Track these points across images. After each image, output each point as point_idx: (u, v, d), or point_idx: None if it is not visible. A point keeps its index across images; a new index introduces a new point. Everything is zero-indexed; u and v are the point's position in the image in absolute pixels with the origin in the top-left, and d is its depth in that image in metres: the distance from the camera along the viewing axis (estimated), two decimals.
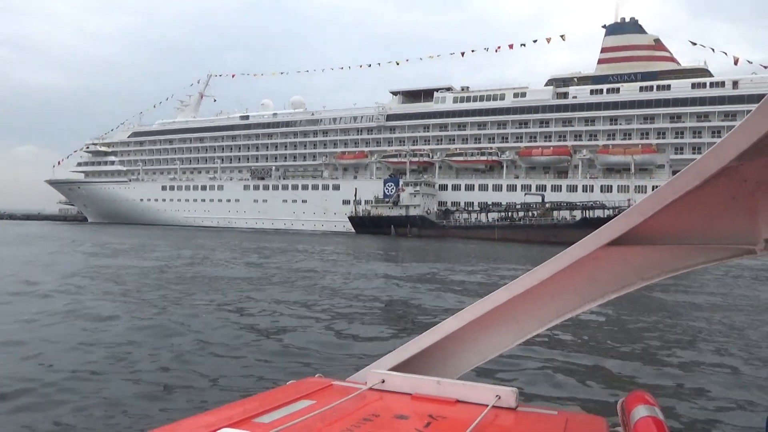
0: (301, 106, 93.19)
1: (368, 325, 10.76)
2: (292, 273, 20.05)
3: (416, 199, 70.78)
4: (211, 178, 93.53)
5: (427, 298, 14.49)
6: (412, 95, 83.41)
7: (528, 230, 63.29)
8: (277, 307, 12.28)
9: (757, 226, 1.57)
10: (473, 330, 2.05)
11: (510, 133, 74.58)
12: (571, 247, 1.80)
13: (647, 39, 73.37)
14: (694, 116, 66.01)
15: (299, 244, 41.49)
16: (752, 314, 13.30)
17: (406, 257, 32.09)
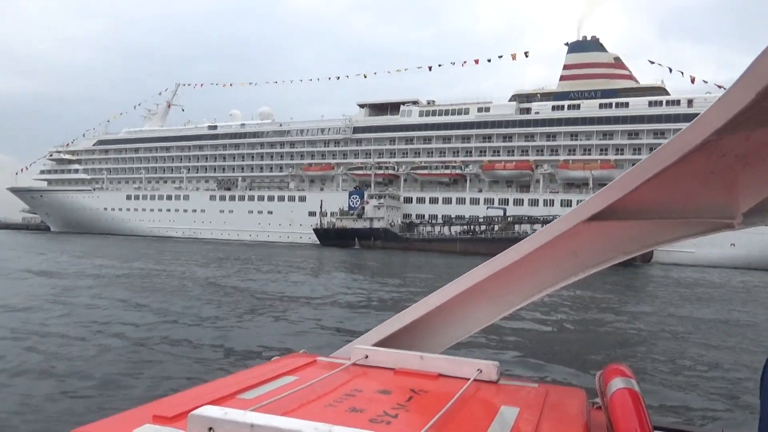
0: (269, 117, 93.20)
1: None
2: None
3: (380, 211, 71.17)
4: (176, 188, 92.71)
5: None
6: (379, 108, 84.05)
7: (489, 243, 63.88)
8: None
9: (736, 201, 1.61)
10: (456, 305, 2.06)
11: (474, 147, 75.56)
12: (553, 222, 1.82)
13: (607, 57, 75.18)
14: (651, 133, 67.71)
15: (258, 259, 41.41)
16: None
17: (331, 270, 32.33)
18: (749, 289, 29.35)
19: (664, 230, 1.76)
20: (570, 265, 1.89)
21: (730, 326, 12.91)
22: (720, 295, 24.23)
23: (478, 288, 1.99)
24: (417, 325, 2.12)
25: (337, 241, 70.78)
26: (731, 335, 11.72)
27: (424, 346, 2.09)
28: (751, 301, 22.25)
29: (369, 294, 19.46)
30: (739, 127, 1.24)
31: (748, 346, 10.68)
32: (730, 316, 15.38)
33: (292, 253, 49.98)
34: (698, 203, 1.65)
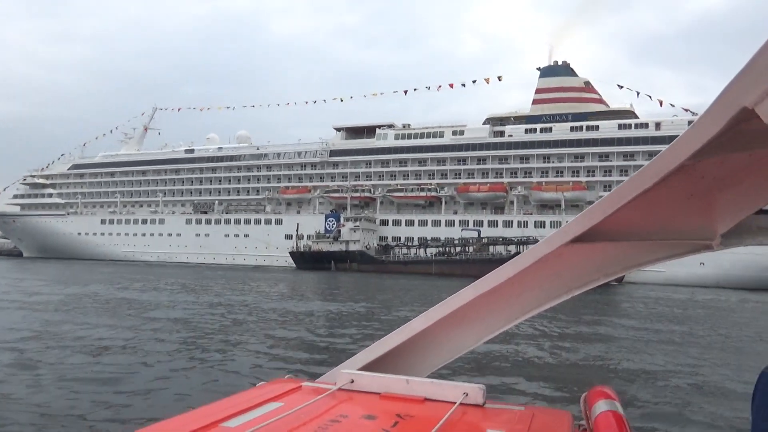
0: (246, 140, 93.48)
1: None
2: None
3: (356, 234, 71.32)
4: (152, 211, 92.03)
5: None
6: (355, 131, 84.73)
7: (464, 265, 64.39)
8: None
9: (714, 223, 1.65)
10: (441, 328, 2.05)
11: (449, 170, 76.38)
12: (536, 245, 1.83)
13: (578, 81, 76.93)
14: (620, 155, 69.10)
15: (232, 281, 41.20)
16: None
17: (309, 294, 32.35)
18: (722, 307, 29.98)
19: (645, 252, 1.79)
20: (554, 287, 1.91)
21: (706, 347, 13.15)
22: (693, 313, 24.70)
23: (462, 311, 1.99)
24: (402, 348, 2.11)
25: (314, 264, 70.69)
26: (711, 354, 11.97)
27: (410, 370, 2.09)
28: (724, 318, 22.72)
29: (342, 317, 19.56)
30: (714, 152, 1.26)
31: (730, 361, 10.95)
32: (706, 335, 15.68)
33: (268, 277, 49.80)
34: (678, 225, 1.68)
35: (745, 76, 1.00)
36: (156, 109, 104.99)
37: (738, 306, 31.39)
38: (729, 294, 43.67)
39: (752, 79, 0.98)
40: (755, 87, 0.97)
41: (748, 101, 1.01)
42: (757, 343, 14.38)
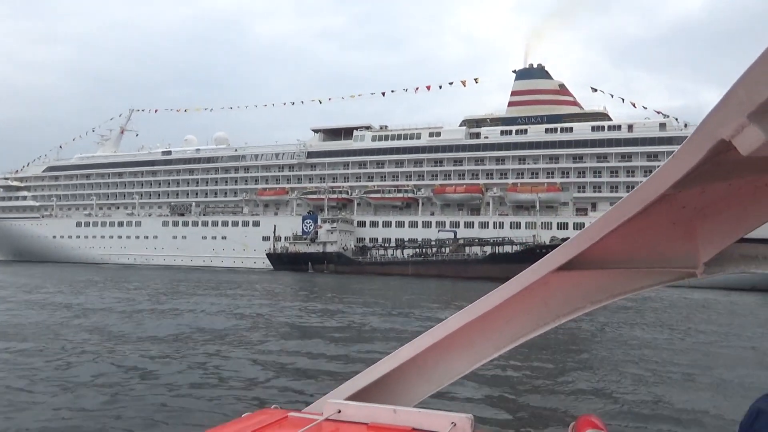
0: (224, 142, 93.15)
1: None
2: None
3: (333, 235, 71.46)
4: (128, 214, 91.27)
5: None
6: (333, 133, 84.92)
7: (440, 266, 64.93)
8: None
9: (697, 251, 1.66)
10: (429, 357, 2.04)
11: (425, 171, 76.87)
12: (523, 273, 1.85)
13: (552, 84, 77.90)
14: (594, 157, 70.06)
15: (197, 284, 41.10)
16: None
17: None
18: (716, 308, 30.57)
19: (630, 279, 1.81)
20: (542, 315, 1.91)
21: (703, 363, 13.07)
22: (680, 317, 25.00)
23: (450, 339, 1.99)
24: (390, 377, 2.09)
25: (291, 265, 70.76)
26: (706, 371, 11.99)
27: (398, 399, 2.08)
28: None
29: (319, 322, 19.66)
30: (695, 182, 1.30)
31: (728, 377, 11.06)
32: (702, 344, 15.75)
33: (242, 280, 49.69)
34: (662, 253, 1.70)
35: (722, 109, 1.03)
36: (133, 110, 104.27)
37: (728, 307, 31.85)
38: (718, 295, 42.89)
39: (728, 113, 1.01)
40: (731, 120, 1.00)
41: (726, 134, 1.03)
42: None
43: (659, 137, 67.60)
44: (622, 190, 68.51)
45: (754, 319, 24.70)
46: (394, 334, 15.80)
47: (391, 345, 13.22)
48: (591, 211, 69.15)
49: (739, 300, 37.12)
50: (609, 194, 68.75)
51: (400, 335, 15.46)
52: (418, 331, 2.50)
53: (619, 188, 68.68)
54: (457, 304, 25.57)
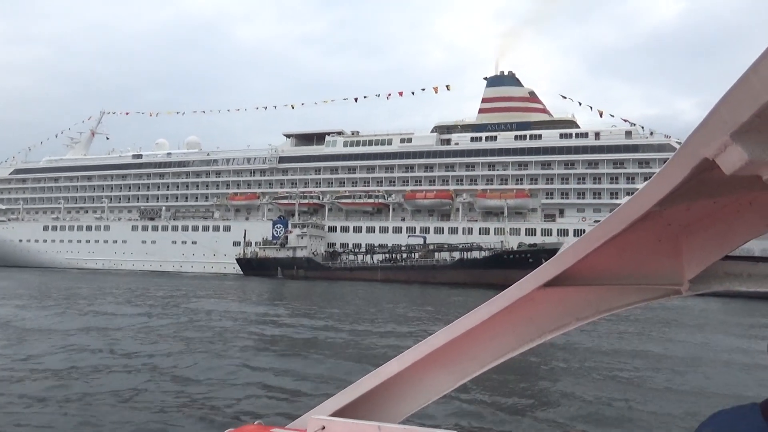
0: (196, 146, 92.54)
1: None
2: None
3: (303, 240, 71.32)
4: (97, 218, 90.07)
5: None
6: (305, 138, 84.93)
7: (409, 271, 65.15)
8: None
9: (682, 268, 1.66)
10: (415, 373, 2.03)
11: (396, 177, 77.19)
12: (508, 289, 1.83)
13: (522, 91, 78.83)
14: (562, 164, 70.98)
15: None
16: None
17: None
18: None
19: (616, 296, 1.80)
20: (527, 331, 1.91)
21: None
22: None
23: (435, 355, 1.98)
24: (375, 393, 2.08)
25: (260, 270, 70.44)
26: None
27: (383, 416, 2.06)
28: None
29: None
30: (680, 199, 1.32)
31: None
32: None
33: (210, 284, 49.36)
34: (647, 270, 1.70)
35: (705, 128, 1.04)
36: (104, 113, 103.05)
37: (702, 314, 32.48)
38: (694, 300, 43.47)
39: (711, 132, 1.02)
40: (714, 139, 1.01)
41: (709, 153, 1.04)
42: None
43: (625, 145, 68.82)
44: (589, 196, 69.58)
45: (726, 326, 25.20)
46: (357, 350, 15.72)
47: (355, 361, 13.27)
48: (559, 217, 70.05)
49: (709, 306, 37.88)
50: (576, 201, 69.73)
51: (364, 351, 15.42)
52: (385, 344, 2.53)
53: (586, 195, 69.69)
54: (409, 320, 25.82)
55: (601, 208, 68.15)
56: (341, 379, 10.82)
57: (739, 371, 13.42)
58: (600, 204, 68.47)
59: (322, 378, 11.56)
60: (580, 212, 69.03)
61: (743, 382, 12.04)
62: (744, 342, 18.98)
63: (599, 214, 67.68)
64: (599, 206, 68.41)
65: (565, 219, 69.18)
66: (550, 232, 66.74)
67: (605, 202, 68.12)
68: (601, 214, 67.68)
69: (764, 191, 1.18)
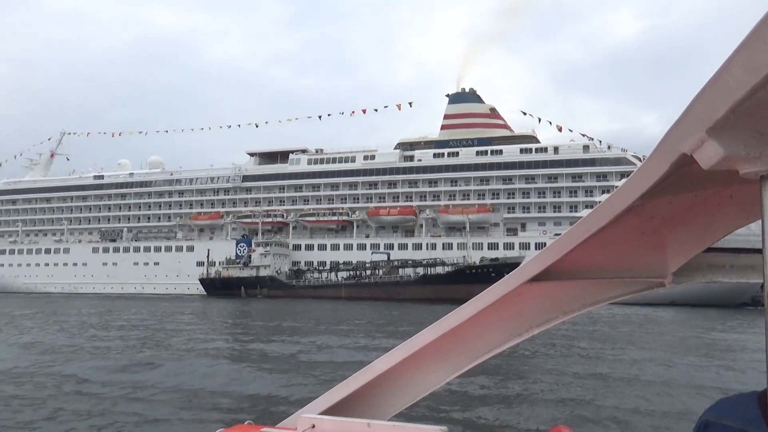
0: (159, 166, 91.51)
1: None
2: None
3: (267, 259, 70.80)
4: (56, 240, 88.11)
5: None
6: (268, 156, 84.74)
7: (373, 288, 65.08)
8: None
9: (665, 261, 1.67)
10: (404, 369, 2.04)
11: (360, 194, 77.39)
12: (496, 284, 1.83)
13: (484, 108, 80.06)
14: (522, 178, 72.05)
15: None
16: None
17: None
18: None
19: (601, 289, 1.83)
20: (515, 326, 1.92)
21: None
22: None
23: (425, 351, 1.99)
24: (364, 391, 2.09)
25: (224, 290, 69.60)
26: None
27: (373, 413, 2.08)
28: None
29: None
30: (661, 193, 1.34)
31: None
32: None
33: (172, 306, 48.50)
34: (631, 263, 1.72)
35: (682, 124, 1.06)
36: (64, 133, 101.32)
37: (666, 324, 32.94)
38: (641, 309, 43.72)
39: (688, 128, 1.04)
40: (691, 135, 1.03)
41: (686, 148, 1.06)
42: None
43: (583, 159, 70.23)
44: (550, 210, 70.66)
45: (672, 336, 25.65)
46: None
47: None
48: (521, 231, 70.88)
49: (658, 315, 38.59)
50: (537, 214, 70.72)
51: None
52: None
53: (547, 208, 70.75)
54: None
55: (562, 221, 69.26)
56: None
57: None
58: (560, 217, 69.59)
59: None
60: (541, 226, 69.97)
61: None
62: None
63: (560, 227, 68.75)
64: (559, 219, 69.53)
65: (527, 233, 70.03)
66: (512, 246, 67.37)
67: (565, 215, 69.27)
68: (561, 227, 68.77)
69: (744, 185, 1.18)
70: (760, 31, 0.80)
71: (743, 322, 33.90)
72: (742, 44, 0.84)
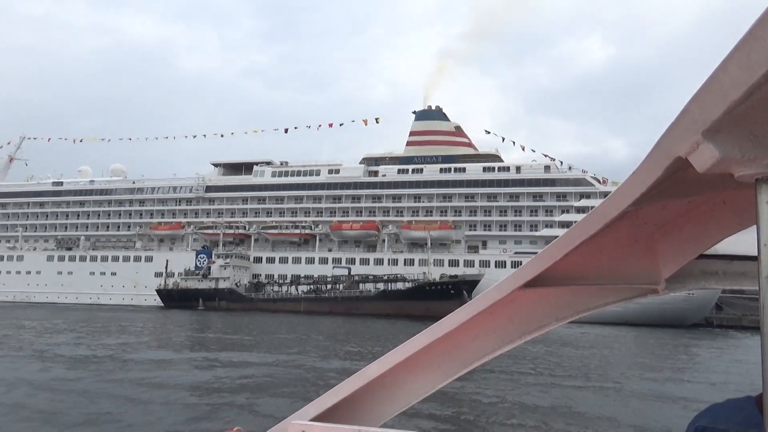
0: (121, 174, 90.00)
1: None
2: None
3: (227, 271, 69.92)
4: (10, 248, 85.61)
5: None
6: (233, 168, 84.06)
7: (332, 303, 64.78)
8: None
9: (658, 267, 1.66)
10: (396, 375, 2.00)
11: (324, 208, 77.18)
12: (489, 290, 1.80)
13: (449, 126, 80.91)
14: (485, 196, 72.77)
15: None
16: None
17: None
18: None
19: (594, 296, 1.81)
20: (508, 332, 1.90)
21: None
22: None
23: (417, 357, 1.97)
24: (356, 397, 2.05)
25: (181, 302, 68.43)
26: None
27: (364, 419, 2.04)
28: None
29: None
30: (655, 199, 1.31)
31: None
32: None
33: (122, 317, 47.41)
34: (624, 269, 1.70)
35: (677, 127, 1.05)
36: (24, 138, 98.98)
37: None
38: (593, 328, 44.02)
39: (683, 131, 1.03)
40: (687, 138, 1.02)
41: (682, 151, 1.05)
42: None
43: (544, 179, 71.33)
44: (511, 228, 71.40)
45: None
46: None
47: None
48: (482, 249, 71.41)
49: (614, 334, 39.16)
50: (498, 233, 71.39)
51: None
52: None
53: (508, 227, 71.49)
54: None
55: (522, 240, 70.11)
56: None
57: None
58: (521, 236, 70.41)
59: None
60: (502, 244, 70.65)
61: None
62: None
63: (520, 246, 69.61)
64: (520, 238, 70.34)
65: (488, 250, 70.61)
66: (473, 264, 67.79)
67: (526, 234, 70.14)
68: (521, 245, 69.65)
69: (737, 190, 1.18)
70: (756, 30, 0.79)
71: (701, 341, 34.74)
72: (738, 44, 0.83)
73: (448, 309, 2.10)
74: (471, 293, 61.34)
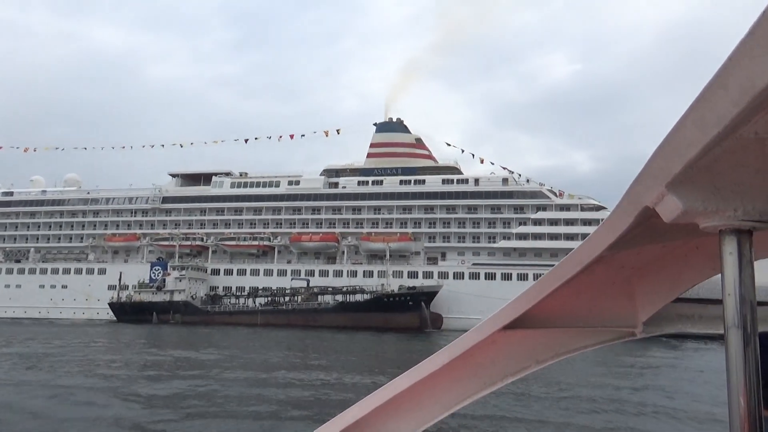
0: (75, 184, 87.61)
1: None
2: None
3: (182, 283, 68.56)
4: None
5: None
6: (191, 178, 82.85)
7: (290, 315, 64.17)
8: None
9: (636, 310, 1.66)
10: (377, 418, 1.93)
11: (284, 219, 76.57)
12: (469, 332, 1.78)
13: (410, 138, 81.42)
14: (444, 208, 73.31)
15: None
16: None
17: None
18: None
19: (573, 338, 1.81)
20: (489, 374, 1.87)
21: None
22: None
23: (398, 400, 1.91)
24: None
25: (134, 316, 66.75)
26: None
27: None
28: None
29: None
30: (629, 244, 1.31)
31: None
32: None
33: (71, 333, 45.93)
34: (602, 312, 1.71)
35: (643, 178, 1.06)
36: None
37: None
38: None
39: (649, 182, 1.04)
40: (652, 189, 1.04)
41: (649, 202, 1.07)
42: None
43: (501, 191, 72.28)
44: (469, 240, 72.01)
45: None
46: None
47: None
48: (441, 260, 71.76)
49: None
50: (457, 244, 71.90)
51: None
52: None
53: (466, 239, 72.07)
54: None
55: (480, 251, 70.75)
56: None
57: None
58: (479, 247, 71.06)
59: None
60: (460, 255, 71.15)
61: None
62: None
63: (478, 257, 70.24)
64: (478, 249, 70.99)
65: (447, 262, 71.00)
66: (432, 275, 68.03)
67: (484, 246, 70.83)
68: (479, 257, 70.30)
69: (708, 237, 1.19)
70: (707, 93, 0.82)
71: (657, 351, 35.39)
72: (694, 103, 0.86)
73: (407, 320, 2.10)
74: (429, 305, 61.76)
